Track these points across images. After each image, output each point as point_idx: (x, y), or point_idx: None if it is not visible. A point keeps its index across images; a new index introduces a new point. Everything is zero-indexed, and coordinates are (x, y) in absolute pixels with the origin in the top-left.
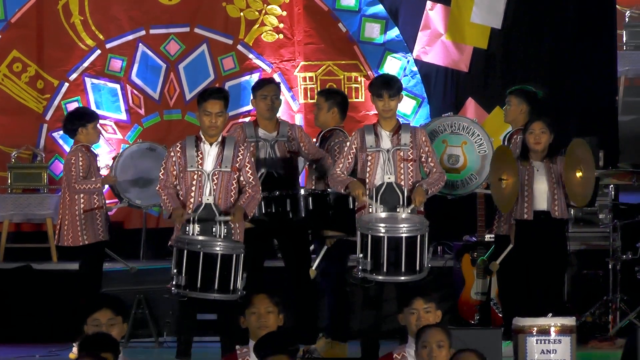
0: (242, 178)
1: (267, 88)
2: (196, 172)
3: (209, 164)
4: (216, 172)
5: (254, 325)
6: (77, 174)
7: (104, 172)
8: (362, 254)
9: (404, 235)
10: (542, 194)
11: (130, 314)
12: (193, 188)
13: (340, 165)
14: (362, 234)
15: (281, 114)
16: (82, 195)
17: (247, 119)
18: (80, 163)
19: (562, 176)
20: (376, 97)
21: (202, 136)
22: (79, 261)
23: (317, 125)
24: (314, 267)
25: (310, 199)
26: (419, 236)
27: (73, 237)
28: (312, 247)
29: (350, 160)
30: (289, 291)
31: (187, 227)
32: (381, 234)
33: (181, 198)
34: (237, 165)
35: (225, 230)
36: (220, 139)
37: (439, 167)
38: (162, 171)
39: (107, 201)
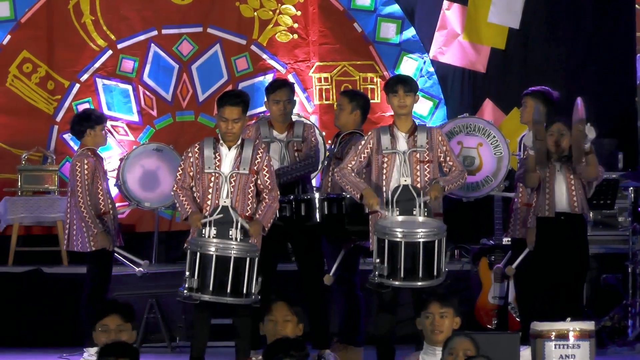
0: (259, 181)
1: (279, 93)
2: (213, 174)
3: (226, 166)
4: (234, 175)
5: (271, 333)
6: (83, 186)
7: (111, 181)
8: (378, 259)
9: (421, 240)
10: (561, 194)
11: (143, 318)
12: (210, 190)
13: (353, 162)
14: (378, 238)
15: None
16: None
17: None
18: (86, 171)
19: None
20: (391, 94)
21: (220, 139)
22: (86, 266)
23: (337, 126)
24: (331, 273)
25: (326, 203)
26: (436, 241)
27: (82, 242)
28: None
29: (362, 160)
30: (301, 295)
31: (203, 230)
32: (398, 239)
33: (197, 200)
34: (255, 167)
35: (242, 233)
36: (239, 141)
37: (459, 165)
38: (180, 171)
39: (117, 204)
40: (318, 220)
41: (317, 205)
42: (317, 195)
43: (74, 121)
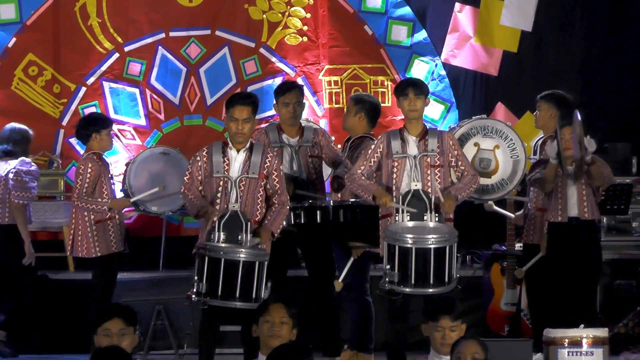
0: (268, 185)
1: (288, 95)
2: (222, 178)
3: (235, 170)
4: (243, 179)
5: (265, 334)
6: (81, 188)
7: (117, 185)
8: (389, 266)
9: (432, 246)
10: (573, 199)
11: (150, 325)
12: (219, 195)
13: (362, 167)
14: (389, 244)
15: (306, 116)
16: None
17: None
18: (89, 175)
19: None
20: (402, 97)
21: (230, 142)
22: (92, 272)
23: (345, 129)
24: (340, 280)
25: (340, 210)
26: (447, 247)
27: (87, 248)
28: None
29: (372, 164)
30: (310, 302)
31: (212, 235)
32: (409, 245)
33: None
34: (264, 172)
35: (251, 238)
36: (248, 145)
37: (470, 169)
38: (188, 175)
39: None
40: (332, 227)
41: (332, 212)
42: (331, 202)
43: (80, 125)
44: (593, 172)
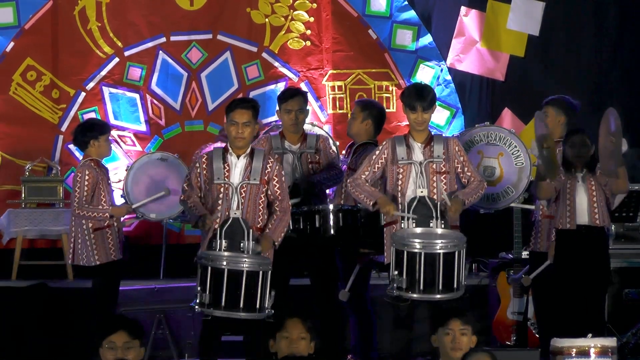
0: (269, 192)
1: (291, 102)
2: (223, 184)
3: (236, 177)
4: (244, 185)
5: (284, 351)
6: (80, 196)
7: (118, 192)
8: (396, 271)
9: (441, 251)
10: (582, 206)
11: (150, 334)
12: (220, 202)
13: (366, 173)
14: (397, 250)
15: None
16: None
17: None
18: (87, 182)
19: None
20: (409, 109)
21: (230, 148)
22: (92, 281)
23: (349, 135)
24: (346, 289)
25: (340, 215)
26: (456, 253)
27: (87, 256)
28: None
29: (376, 170)
30: (313, 311)
31: (214, 243)
32: (417, 250)
33: None
34: (265, 177)
35: (254, 245)
36: (248, 150)
37: (477, 175)
38: (186, 182)
39: (123, 217)
40: (332, 232)
41: (332, 217)
42: (331, 206)
43: (77, 132)
44: (622, 174)
